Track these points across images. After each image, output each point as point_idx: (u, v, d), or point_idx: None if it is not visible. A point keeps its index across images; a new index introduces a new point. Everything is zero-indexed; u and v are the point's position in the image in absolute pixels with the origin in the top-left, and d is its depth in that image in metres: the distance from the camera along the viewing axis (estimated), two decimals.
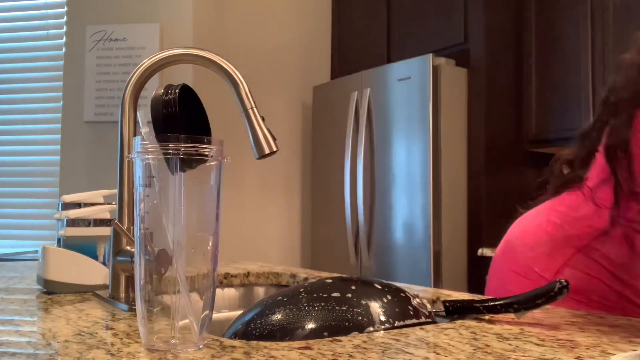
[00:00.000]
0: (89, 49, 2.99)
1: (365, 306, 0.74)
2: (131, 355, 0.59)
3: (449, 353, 0.60)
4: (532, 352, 0.61)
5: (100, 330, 0.72)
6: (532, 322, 0.77)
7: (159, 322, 0.61)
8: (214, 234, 0.63)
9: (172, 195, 0.60)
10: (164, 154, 0.60)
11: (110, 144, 2.95)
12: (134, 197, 0.64)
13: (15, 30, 3.25)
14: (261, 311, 0.76)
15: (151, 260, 0.60)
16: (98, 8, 3.05)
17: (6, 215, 3.15)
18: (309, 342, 0.64)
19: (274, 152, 0.96)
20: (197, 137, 0.61)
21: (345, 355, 0.59)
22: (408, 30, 3.35)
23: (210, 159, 0.61)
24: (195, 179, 0.61)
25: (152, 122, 0.87)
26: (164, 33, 2.98)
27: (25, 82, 3.22)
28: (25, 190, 3.15)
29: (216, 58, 0.95)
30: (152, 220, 0.61)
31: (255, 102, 0.96)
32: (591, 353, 0.61)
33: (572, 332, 0.71)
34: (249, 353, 0.60)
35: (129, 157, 0.82)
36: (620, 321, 0.79)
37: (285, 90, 3.38)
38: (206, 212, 0.62)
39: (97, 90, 2.98)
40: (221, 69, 0.94)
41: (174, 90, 0.90)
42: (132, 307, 0.84)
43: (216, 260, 0.63)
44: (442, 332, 0.71)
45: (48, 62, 3.18)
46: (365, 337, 0.68)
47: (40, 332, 0.72)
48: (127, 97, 0.96)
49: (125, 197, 0.96)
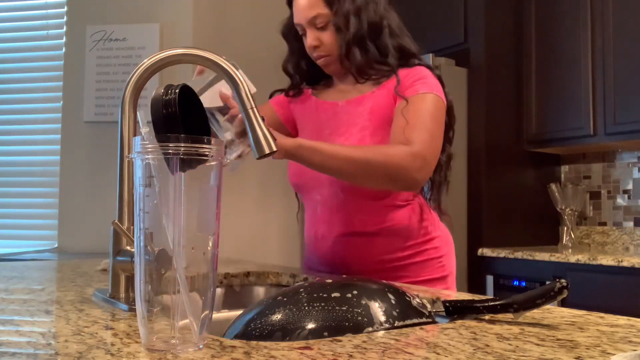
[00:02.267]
0: (89, 49, 2.98)
1: (365, 306, 0.74)
2: (131, 355, 0.59)
3: (449, 353, 0.60)
4: (532, 352, 0.61)
5: (100, 330, 0.72)
6: (532, 322, 0.77)
7: (159, 322, 0.61)
8: (214, 234, 0.63)
9: (172, 195, 0.60)
10: (164, 154, 0.60)
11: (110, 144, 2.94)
12: (134, 197, 0.64)
13: (15, 30, 3.25)
14: (261, 311, 0.76)
15: (151, 260, 0.60)
16: (98, 8, 3.05)
17: (6, 215, 3.14)
18: (309, 342, 0.64)
19: (273, 152, 0.96)
20: (197, 137, 0.61)
21: (345, 355, 0.59)
22: (408, 30, 3.34)
23: (210, 159, 0.61)
24: (195, 179, 0.61)
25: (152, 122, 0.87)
26: (164, 33, 2.98)
27: (25, 82, 3.22)
28: (25, 190, 3.15)
29: (216, 58, 0.95)
30: (152, 220, 0.61)
31: (255, 102, 0.96)
32: (591, 353, 0.61)
33: (572, 332, 0.71)
34: (249, 353, 0.60)
35: (129, 157, 0.82)
36: (620, 321, 0.79)
37: None
38: (206, 212, 0.62)
39: (97, 90, 2.97)
40: (221, 69, 0.94)
41: (174, 90, 0.90)
42: (132, 307, 0.84)
43: (216, 260, 0.63)
44: (442, 332, 0.71)
45: (48, 62, 3.18)
46: (365, 337, 0.68)
47: (40, 332, 0.72)
48: (127, 97, 0.96)
49: (125, 197, 0.96)
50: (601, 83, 2.77)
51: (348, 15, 1.32)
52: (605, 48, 2.75)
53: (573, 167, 3.27)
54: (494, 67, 3.01)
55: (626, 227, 3.04)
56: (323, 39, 1.35)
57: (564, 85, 2.94)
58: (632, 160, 3.03)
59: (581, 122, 2.84)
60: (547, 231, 3.20)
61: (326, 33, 1.35)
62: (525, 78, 3.10)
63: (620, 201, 3.07)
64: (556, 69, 2.97)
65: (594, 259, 2.42)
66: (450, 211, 3.14)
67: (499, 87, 3.04)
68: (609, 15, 2.75)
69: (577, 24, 2.87)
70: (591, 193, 3.19)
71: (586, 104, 2.82)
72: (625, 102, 2.68)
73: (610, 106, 2.73)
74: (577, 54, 2.87)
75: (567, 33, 2.93)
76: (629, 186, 3.04)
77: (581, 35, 2.85)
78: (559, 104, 2.95)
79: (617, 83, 2.70)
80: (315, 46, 1.36)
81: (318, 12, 1.33)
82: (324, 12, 1.33)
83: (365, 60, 1.35)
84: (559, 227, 3.18)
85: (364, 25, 1.33)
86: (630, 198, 3.03)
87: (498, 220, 2.97)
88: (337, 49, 1.35)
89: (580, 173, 3.24)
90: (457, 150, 2.95)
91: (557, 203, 3.11)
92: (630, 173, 3.04)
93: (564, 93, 2.94)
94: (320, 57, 1.38)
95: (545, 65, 3.02)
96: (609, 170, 3.12)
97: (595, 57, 2.80)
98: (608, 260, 2.37)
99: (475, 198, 2.94)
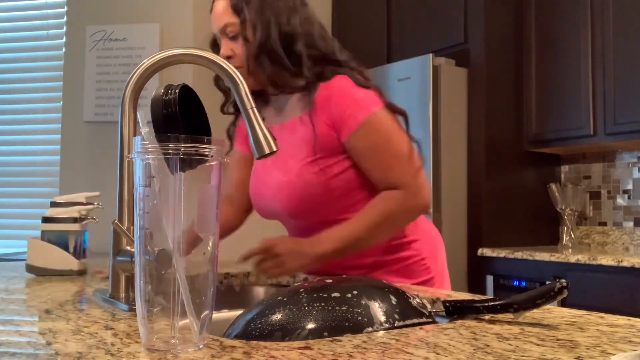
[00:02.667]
0: (89, 49, 2.98)
1: (365, 306, 0.74)
2: (131, 355, 0.59)
3: (449, 353, 0.60)
4: (532, 352, 0.61)
5: (100, 330, 0.72)
6: (532, 322, 0.77)
7: (159, 322, 0.61)
8: (214, 234, 0.63)
9: (172, 195, 0.60)
10: (164, 154, 0.60)
11: (110, 144, 2.94)
12: (134, 197, 0.64)
13: (15, 30, 3.25)
14: (261, 311, 0.76)
15: (151, 260, 0.60)
16: (98, 8, 3.05)
17: (6, 215, 3.14)
18: (309, 342, 0.64)
19: (273, 152, 0.96)
20: (197, 137, 0.61)
21: (345, 355, 0.59)
22: (408, 30, 3.35)
23: (210, 159, 0.61)
24: (195, 179, 0.61)
25: (152, 122, 0.87)
26: (164, 33, 2.98)
27: (25, 82, 3.22)
28: (25, 190, 3.15)
29: (216, 58, 0.95)
30: (152, 220, 0.61)
31: (255, 102, 0.95)
32: (591, 353, 0.61)
33: (572, 332, 0.71)
34: (249, 353, 0.60)
35: (129, 157, 0.82)
36: (620, 321, 0.79)
37: None
38: (206, 212, 0.62)
39: (97, 90, 2.97)
40: (221, 69, 0.94)
41: (174, 90, 0.90)
42: (132, 307, 0.84)
43: (216, 260, 0.63)
44: (442, 332, 0.71)
45: (48, 62, 3.18)
46: (365, 337, 0.68)
47: (40, 332, 0.72)
48: (127, 97, 0.96)
49: (125, 197, 0.96)
50: (601, 83, 2.77)
51: (255, 25, 1.26)
52: (605, 48, 2.75)
53: (573, 167, 3.27)
54: (494, 67, 3.01)
55: (626, 227, 3.04)
56: (235, 50, 1.29)
57: (564, 85, 2.93)
58: (632, 160, 3.03)
59: (581, 122, 2.84)
60: (547, 231, 3.20)
61: (237, 43, 1.29)
62: (525, 78, 3.10)
63: (620, 201, 3.07)
64: (556, 69, 2.97)
65: (594, 259, 2.42)
66: (450, 211, 3.13)
67: (499, 87, 3.03)
68: (609, 15, 2.75)
69: (577, 24, 2.87)
70: (591, 193, 3.19)
71: (586, 104, 2.82)
72: (625, 102, 2.68)
73: (610, 106, 2.73)
74: (577, 54, 2.87)
75: (567, 33, 2.92)
76: (629, 186, 3.04)
77: (581, 35, 2.85)
78: (559, 104, 2.95)
79: (617, 83, 2.70)
80: (227, 56, 1.28)
81: (227, 21, 1.28)
82: (232, 20, 1.28)
83: (275, 69, 1.27)
84: (559, 227, 3.18)
85: (272, 34, 1.26)
86: (630, 198, 3.03)
87: (498, 220, 2.97)
88: (247, 60, 1.28)
89: (580, 173, 3.24)
90: (457, 150, 2.96)
91: (557, 203, 3.11)
92: (630, 173, 3.04)
93: (564, 93, 2.94)
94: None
95: (545, 66, 3.02)
96: (609, 170, 3.12)
97: (595, 57, 2.80)
98: (608, 260, 2.37)
99: (475, 198, 2.94)
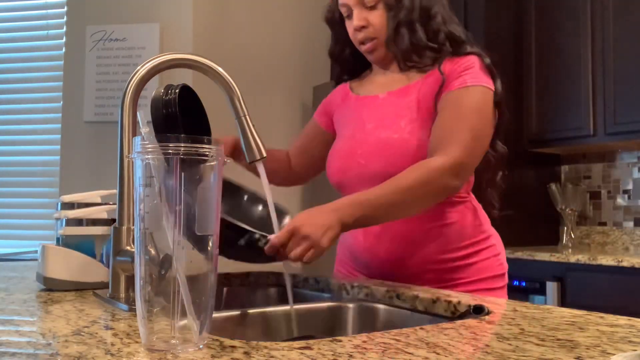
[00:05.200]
0: (89, 49, 2.99)
1: None
2: (131, 355, 0.59)
3: (449, 353, 0.60)
4: (532, 352, 0.61)
5: (100, 330, 0.72)
6: (532, 322, 0.77)
7: (159, 322, 0.61)
8: (214, 234, 0.63)
9: (172, 195, 0.60)
10: (164, 154, 0.60)
11: (110, 144, 2.94)
12: (134, 197, 0.64)
13: (15, 30, 3.25)
14: None
15: (151, 260, 0.60)
16: (98, 8, 3.05)
17: (6, 215, 3.15)
18: (309, 342, 0.64)
19: (264, 158, 1.03)
20: (197, 137, 0.61)
21: (345, 355, 0.59)
22: None
23: (210, 159, 0.61)
24: (195, 179, 0.61)
25: (152, 122, 0.87)
26: (164, 33, 2.98)
27: (25, 82, 3.22)
28: (25, 190, 3.15)
29: (213, 65, 0.98)
30: (152, 220, 0.61)
31: (247, 109, 1.00)
32: (591, 353, 0.61)
33: (572, 332, 0.71)
34: (249, 353, 0.60)
35: (129, 157, 0.82)
36: (620, 321, 0.79)
37: (285, 90, 3.37)
38: (206, 212, 0.62)
39: (97, 90, 2.97)
40: (217, 76, 0.99)
41: (174, 90, 0.90)
42: (132, 307, 0.84)
43: (216, 260, 0.63)
44: (442, 332, 0.71)
45: (48, 62, 3.18)
46: (365, 337, 0.68)
47: (40, 332, 0.72)
48: (127, 97, 0.96)
49: (125, 197, 0.96)
50: (601, 83, 2.77)
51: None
52: (605, 48, 2.75)
53: (573, 167, 3.27)
54: (494, 67, 3.00)
55: (626, 227, 3.04)
56: (371, 19, 1.26)
57: (564, 85, 2.93)
58: (632, 160, 3.03)
59: (581, 122, 2.84)
60: (547, 231, 3.20)
61: (375, 12, 1.26)
62: (525, 78, 3.10)
63: (620, 201, 3.07)
64: (556, 69, 2.97)
65: (594, 259, 2.42)
66: None
67: None
68: (609, 15, 2.75)
69: (577, 24, 2.87)
70: (591, 193, 3.19)
71: (586, 104, 2.82)
72: (625, 102, 2.68)
73: (610, 106, 2.73)
74: (577, 54, 2.87)
75: (567, 33, 2.92)
76: (629, 186, 3.04)
77: (581, 35, 2.85)
78: (559, 103, 2.95)
79: (617, 83, 2.70)
80: (362, 26, 1.27)
81: None
82: None
83: (413, 44, 1.27)
84: (559, 227, 3.18)
85: (416, 7, 1.26)
86: (630, 198, 3.03)
87: (498, 220, 2.97)
88: (385, 30, 1.27)
89: (580, 173, 3.24)
90: None
91: (557, 203, 3.11)
92: (630, 173, 3.04)
93: (564, 93, 2.94)
94: (366, 40, 1.29)
95: (545, 66, 3.02)
96: (609, 170, 3.12)
97: (595, 57, 2.80)
98: (608, 260, 2.37)
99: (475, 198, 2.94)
